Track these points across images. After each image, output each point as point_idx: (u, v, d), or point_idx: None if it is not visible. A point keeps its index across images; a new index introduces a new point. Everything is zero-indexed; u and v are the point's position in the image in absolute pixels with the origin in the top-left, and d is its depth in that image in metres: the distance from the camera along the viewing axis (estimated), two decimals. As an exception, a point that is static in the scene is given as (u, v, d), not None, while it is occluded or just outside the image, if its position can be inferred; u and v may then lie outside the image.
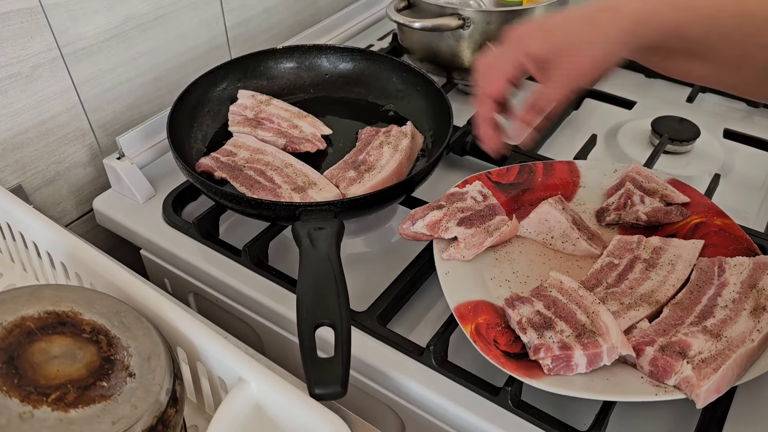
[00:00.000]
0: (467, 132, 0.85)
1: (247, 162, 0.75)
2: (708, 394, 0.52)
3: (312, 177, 0.73)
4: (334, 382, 0.50)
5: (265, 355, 0.68)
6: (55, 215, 0.85)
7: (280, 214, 0.67)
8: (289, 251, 0.75)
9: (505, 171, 0.75)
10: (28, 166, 0.79)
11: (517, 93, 0.61)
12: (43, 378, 0.44)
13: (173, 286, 0.79)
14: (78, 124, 0.83)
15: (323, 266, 0.59)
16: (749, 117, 0.96)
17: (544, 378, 0.54)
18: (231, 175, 0.73)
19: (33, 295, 0.49)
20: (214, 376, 0.52)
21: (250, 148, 0.77)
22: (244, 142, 0.78)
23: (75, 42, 0.78)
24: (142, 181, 0.80)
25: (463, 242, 0.65)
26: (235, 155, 0.76)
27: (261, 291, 0.69)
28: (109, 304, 0.50)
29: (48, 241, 0.61)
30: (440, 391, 0.59)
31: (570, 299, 0.59)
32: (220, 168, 0.74)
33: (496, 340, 0.57)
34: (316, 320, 0.54)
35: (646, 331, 0.57)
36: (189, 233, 0.75)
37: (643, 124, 0.92)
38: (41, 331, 0.46)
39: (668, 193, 0.70)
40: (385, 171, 0.73)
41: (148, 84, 0.90)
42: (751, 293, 0.59)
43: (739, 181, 0.84)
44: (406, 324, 0.66)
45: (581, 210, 0.73)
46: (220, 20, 0.96)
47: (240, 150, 0.77)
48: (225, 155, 0.76)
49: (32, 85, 0.76)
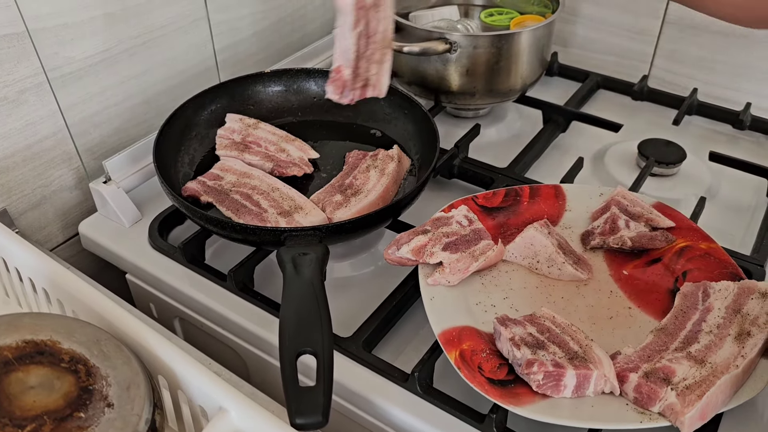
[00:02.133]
0: (454, 155, 0.85)
1: (234, 186, 0.75)
2: (692, 421, 0.51)
3: (298, 201, 0.73)
4: (315, 412, 0.50)
5: (251, 380, 0.68)
6: (41, 239, 0.84)
7: (265, 239, 0.67)
8: (275, 276, 0.75)
9: (492, 195, 0.75)
10: (14, 190, 0.79)
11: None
12: (19, 409, 0.43)
13: (159, 311, 0.78)
14: (64, 148, 0.83)
15: (307, 293, 0.59)
16: (735, 140, 0.96)
17: (528, 405, 0.54)
18: (217, 199, 0.73)
19: (12, 324, 0.48)
20: (195, 405, 0.51)
21: (237, 172, 0.77)
22: (231, 165, 0.78)
23: (62, 66, 0.79)
24: (129, 205, 0.80)
25: (448, 267, 0.65)
26: (222, 179, 0.76)
27: (246, 316, 0.69)
28: (89, 332, 0.50)
29: (30, 267, 0.60)
30: (425, 417, 0.59)
31: (563, 331, 0.58)
32: (206, 192, 0.74)
33: (480, 367, 0.57)
34: (298, 348, 0.54)
35: (630, 357, 0.56)
36: (174, 258, 0.75)
37: (629, 146, 0.92)
38: (18, 360, 0.46)
39: (653, 218, 0.71)
40: (372, 195, 0.73)
41: (136, 107, 0.90)
42: (736, 318, 0.59)
43: (725, 204, 0.84)
44: (392, 349, 0.66)
45: (568, 234, 0.73)
46: (209, 44, 0.97)
47: (227, 174, 0.77)
48: (212, 179, 0.76)
49: (18, 109, 0.76)
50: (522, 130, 0.99)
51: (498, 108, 1.02)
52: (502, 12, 1.02)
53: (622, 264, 0.70)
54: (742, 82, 1.01)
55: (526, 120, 1.00)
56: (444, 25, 0.97)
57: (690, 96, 0.98)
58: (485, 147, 0.93)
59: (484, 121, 0.98)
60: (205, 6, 0.93)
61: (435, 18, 0.99)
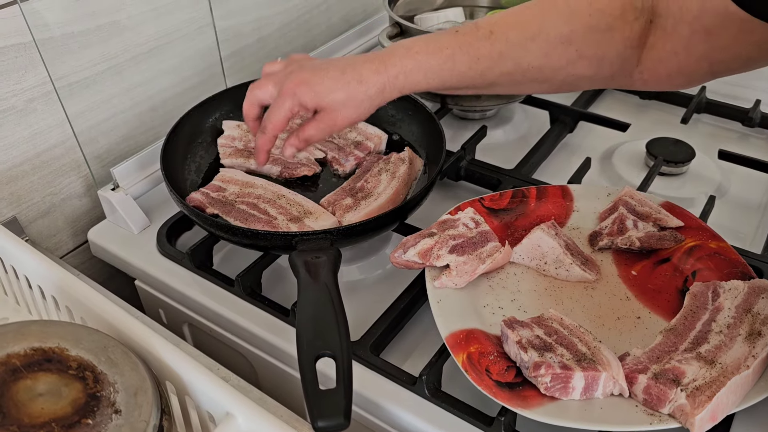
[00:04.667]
0: (461, 157, 0.85)
1: (238, 197, 0.75)
2: (703, 423, 0.51)
3: (306, 206, 0.73)
4: (336, 414, 0.50)
5: (260, 385, 0.68)
6: (51, 247, 0.85)
7: (276, 243, 0.67)
8: (282, 280, 0.75)
9: (498, 196, 0.75)
10: (24, 199, 0.80)
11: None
12: (27, 416, 0.43)
13: (168, 316, 0.79)
14: (73, 156, 0.83)
15: (322, 296, 0.59)
16: (744, 138, 0.96)
17: (537, 408, 0.54)
18: (223, 211, 0.73)
19: (20, 331, 0.49)
20: (203, 411, 0.51)
21: (239, 182, 0.77)
22: (231, 176, 0.78)
23: (69, 75, 0.79)
24: (137, 211, 0.80)
25: (455, 270, 0.64)
26: (225, 190, 0.76)
27: (254, 321, 0.69)
28: (96, 339, 0.50)
29: (39, 274, 0.61)
30: (433, 421, 0.58)
31: (571, 333, 0.58)
32: (211, 204, 0.73)
33: (488, 369, 0.57)
34: (317, 351, 0.54)
35: (640, 358, 0.56)
36: (183, 263, 0.75)
37: (637, 146, 0.92)
38: (27, 368, 0.46)
39: (661, 217, 0.70)
40: (382, 198, 0.73)
41: (143, 114, 0.90)
42: (746, 318, 0.58)
43: (735, 203, 0.84)
44: (400, 353, 0.66)
45: (575, 234, 0.73)
46: (215, 50, 0.97)
47: (229, 185, 0.76)
48: (215, 191, 0.75)
49: (27, 118, 0.77)
50: (529, 131, 0.98)
51: (505, 109, 1.01)
52: (508, 13, 1.02)
53: (630, 264, 0.69)
54: (751, 79, 1.01)
55: (533, 121, 1.00)
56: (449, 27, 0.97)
57: (698, 94, 0.97)
58: (492, 148, 0.93)
59: (491, 123, 0.98)
60: (210, 13, 0.93)
61: (440, 20, 0.99)
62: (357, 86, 0.64)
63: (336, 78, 0.64)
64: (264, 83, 0.68)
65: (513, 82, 0.66)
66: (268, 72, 0.70)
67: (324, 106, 0.65)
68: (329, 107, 0.65)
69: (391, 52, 0.65)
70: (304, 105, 0.65)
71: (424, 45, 0.65)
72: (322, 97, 0.64)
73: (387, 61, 0.65)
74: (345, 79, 0.64)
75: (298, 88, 0.64)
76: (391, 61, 0.65)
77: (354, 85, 0.64)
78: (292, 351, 0.63)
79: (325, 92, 0.64)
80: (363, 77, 0.64)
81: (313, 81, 0.64)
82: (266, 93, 0.68)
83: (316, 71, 0.65)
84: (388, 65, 0.64)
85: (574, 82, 0.67)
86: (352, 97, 0.64)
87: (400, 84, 0.65)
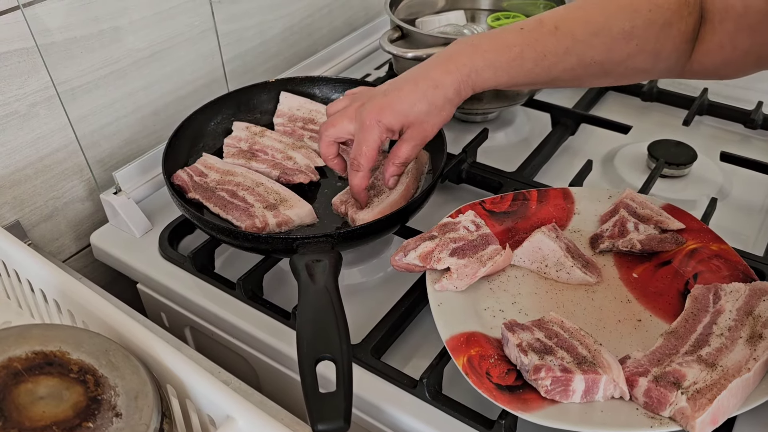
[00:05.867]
0: (462, 160, 0.85)
1: (219, 184, 0.77)
2: (704, 426, 0.51)
3: (283, 194, 0.75)
4: (336, 417, 0.50)
5: (261, 389, 0.68)
6: (53, 250, 0.85)
7: (277, 247, 0.67)
8: (283, 284, 0.75)
9: (499, 199, 0.75)
10: (26, 203, 0.80)
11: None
12: (29, 420, 0.43)
13: (170, 320, 0.79)
14: (75, 160, 0.84)
15: (322, 299, 0.59)
16: (746, 140, 0.95)
17: (537, 411, 0.54)
18: (204, 196, 0.75)
19: (21, 335, 0.49)
20: (204, 414, 0.51)
21: (220, 170, 0.78)
22: (212, 163, 0.79)
23: (71, 80, 0.80)
24: (139, 215, 0.80)
25: (455, 273, 0.64)
26: (206, 176, 0.78)
27: (255, 324, 0.69)
28: (97, 342, 0.50)
29: (41, 278, 0.61)
30: (434, 424, 0.58)
31: (572, 336, 0.58)
32: (194, 188, 0.76)
33: (488, 373, 0.57)
34: (317, 354, 0.54)
35: (640, 361, 0.56)
36: (184, 267, 0.75)
37: (639, 148, 0.91)
38: (28, 371, 0.46)
39: (662, 220, 0.70)
40: (394, 194, 0.73)
41: (145, 118, 0.91)
42: (747, 320, 0.58)
43: (737, 205, 0.84)
44: (401, 356, 0.66)
45: (576, 237, 0.73)
46: (217, 54, 0.97)
47: (210, 171, 0.78)
48: (197, 174, 0.78)
49: (29, 123, 0.77)
50: (530, 133, 0.98)
51: (506, 112, 1.01)
52: (509, 16, 1.02)
53: (631, 267, 0.69)
54: (753, 81, 0.99)
55: (535, 123, 1.00)
56: (451, 30, 0.97)
57: (700, 96, 0.97)
58: (494, 151, 0.93)
59: (492, 125, 0.98)
60: (212, 17, 0.94)
61: (442, 23, 0.99)
62: (434, 92, 0.64)
63: (412, 91, 0.65)
64: (337, 121, 0.68)
65: (574, 77, 0.67)
66: (334, 111, 0.71)
67: (410, 122, 0.66)
68: (416, 121, 0.65)
69: (458, 52, 0.66)
70: (390, 129, 0.65)
71: (490, 42, 0.65)
72: (407, 114, 0.65)
73: (457, 60, 0.65)
74: (421, 89, 0.65)
75: (380, 115, 0.65)
76: (461, 61, 0.65)
77: (431, 91, 0.65)
78: (293, 354, 0.63)
79: (407, 109, 0.65)
80: (437, 82, 0.65)
81: (391, 103, 0.65)
82: (342, 130, 0.68)
83: (389, 93, 0.66)
84: (459, 65, 0.65)
85: (631, 75, 0.68)
86: (433, 103, 0.65)
87: (472, 82, 0.65)
